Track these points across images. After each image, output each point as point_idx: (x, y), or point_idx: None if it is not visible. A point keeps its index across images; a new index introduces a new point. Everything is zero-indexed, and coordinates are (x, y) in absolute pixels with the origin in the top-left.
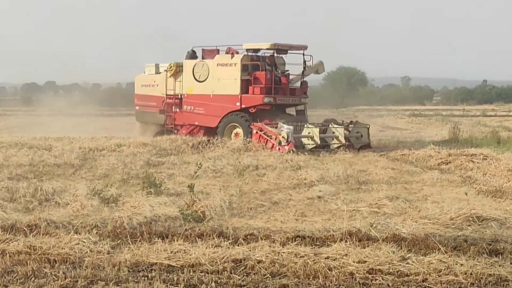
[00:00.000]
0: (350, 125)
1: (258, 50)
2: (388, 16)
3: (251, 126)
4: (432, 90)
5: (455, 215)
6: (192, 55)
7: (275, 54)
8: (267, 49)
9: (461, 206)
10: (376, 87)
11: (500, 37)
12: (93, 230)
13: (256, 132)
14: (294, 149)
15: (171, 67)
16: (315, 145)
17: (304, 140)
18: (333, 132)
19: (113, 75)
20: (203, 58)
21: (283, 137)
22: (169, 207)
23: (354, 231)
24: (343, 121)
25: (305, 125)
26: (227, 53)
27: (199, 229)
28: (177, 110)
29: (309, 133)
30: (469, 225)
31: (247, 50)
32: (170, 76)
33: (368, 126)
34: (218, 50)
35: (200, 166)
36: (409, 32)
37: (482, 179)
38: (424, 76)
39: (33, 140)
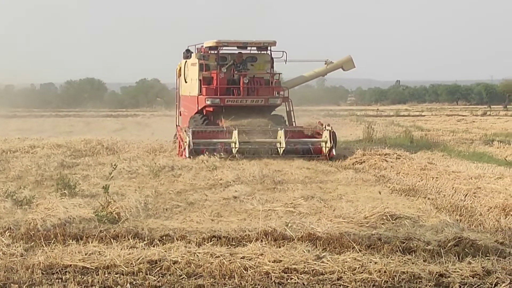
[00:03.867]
0: (326, 128)
1: (215, 47)
2: (303, 16)
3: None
4: (346, 90)
5: (369, 214)
6: (186, 55)
7: (258, 51)
8: (210, 46)
9: (375, 205)
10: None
11: (413, 38)
12: (6, 232)
13: (178, 137)
14: (188, 155)
15: (177, 67)
16: (236, 149)
17: (232, 145)
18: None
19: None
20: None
21: (185, 142)
22: (84, 208)
23: (269, 231)
24: (323, 125)
25: (234, 130)
26: (198, 51)
27: (114, 231)
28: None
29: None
30: (383, 224)
31: (207, 48)
32: (179, 77)
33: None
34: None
35: (115, 167)
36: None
37: (396, 178)
38: (338, 77)
39: None
